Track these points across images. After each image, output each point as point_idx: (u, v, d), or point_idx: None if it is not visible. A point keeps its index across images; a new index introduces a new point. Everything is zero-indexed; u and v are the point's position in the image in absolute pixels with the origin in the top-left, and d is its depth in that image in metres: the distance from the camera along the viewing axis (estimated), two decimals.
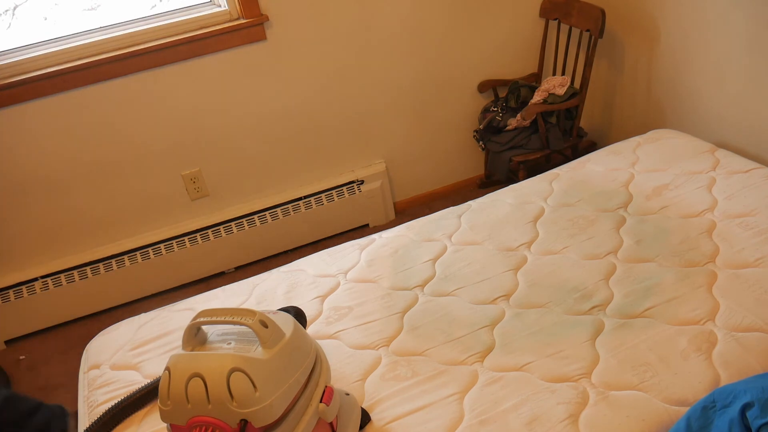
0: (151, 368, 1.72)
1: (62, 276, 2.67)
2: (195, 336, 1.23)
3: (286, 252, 2.99)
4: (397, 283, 1.90)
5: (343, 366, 1.62)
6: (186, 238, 2.79)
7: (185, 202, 2.80)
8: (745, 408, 1.15)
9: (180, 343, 1.24)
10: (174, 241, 2.77)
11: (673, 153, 2.30)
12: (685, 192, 2.08)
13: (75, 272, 2.68)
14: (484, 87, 3.04)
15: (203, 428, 1.14)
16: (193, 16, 2.53)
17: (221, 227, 2.83)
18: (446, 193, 3.25)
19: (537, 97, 2.83)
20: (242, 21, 2.53)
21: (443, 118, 3.06)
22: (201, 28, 2.53)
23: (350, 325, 1.76)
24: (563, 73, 2.93)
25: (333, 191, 2.94)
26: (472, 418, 1.43)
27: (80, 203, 2.65)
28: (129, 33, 2.47)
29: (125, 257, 2.73)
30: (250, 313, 1.20)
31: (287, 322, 1.26)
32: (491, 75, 3.04)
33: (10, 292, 2.62)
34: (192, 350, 1.22)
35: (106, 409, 1.55)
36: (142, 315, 1.97)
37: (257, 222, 2.87)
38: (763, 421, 1.11)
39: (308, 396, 1.25)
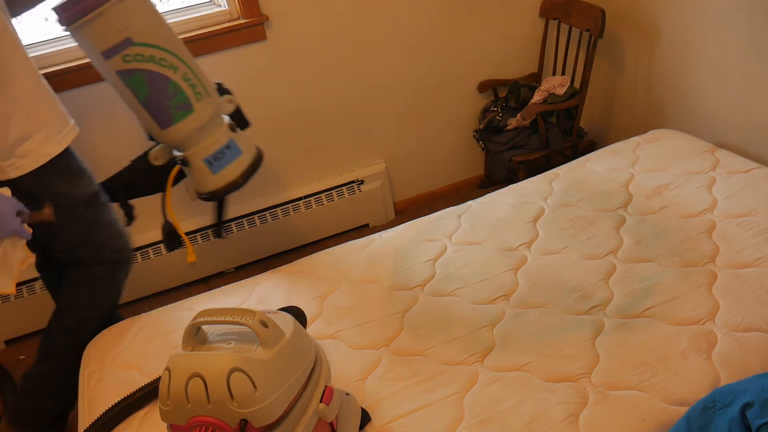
0: (151, 368, 1.72)
1: None
2: (195, 336, 1.24)
3: (286, 252, 2.99)
4: (397, 283, 1.90)
5: (343, 366, 1.62)
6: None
7: (185, 202, 2.80)
8: (745, 408, 1.15)
9: (180, 343, 1.24)
10: None
11: (673, 153, 2.30)
12: (685, 192, 2.08)
13: None
14: (484, 87, 3.03)
15: (203, 428, 1.15)
16: (193, 16, 2.53)
17: (221, 227, 2.82)
18: (446, 193, 3.24)
19: (537, 97, 2.83)
20: (242, 21, 2.52)
21: (443, 118, 3.06)
22: (201, 28, 2.53)
23: (350, 325, 1.76)
24: (563, 73, 2.93)
25: (333, 191, 2.93)
26: (472, 418, 1.43)
27: None
28: None
29: None
30: (250, 313, 1.20)
31: (287, 322, 1.26)
32: (491, 75, 3.04)
33: None
34: (192, 350, 1.22)
35: (106, 409, 1.56)
36: (142, 315, 1.97)
37: (257, 222, 2.86)
38: (763, 421, 1.11)
39: (308, 396, 1.25)
